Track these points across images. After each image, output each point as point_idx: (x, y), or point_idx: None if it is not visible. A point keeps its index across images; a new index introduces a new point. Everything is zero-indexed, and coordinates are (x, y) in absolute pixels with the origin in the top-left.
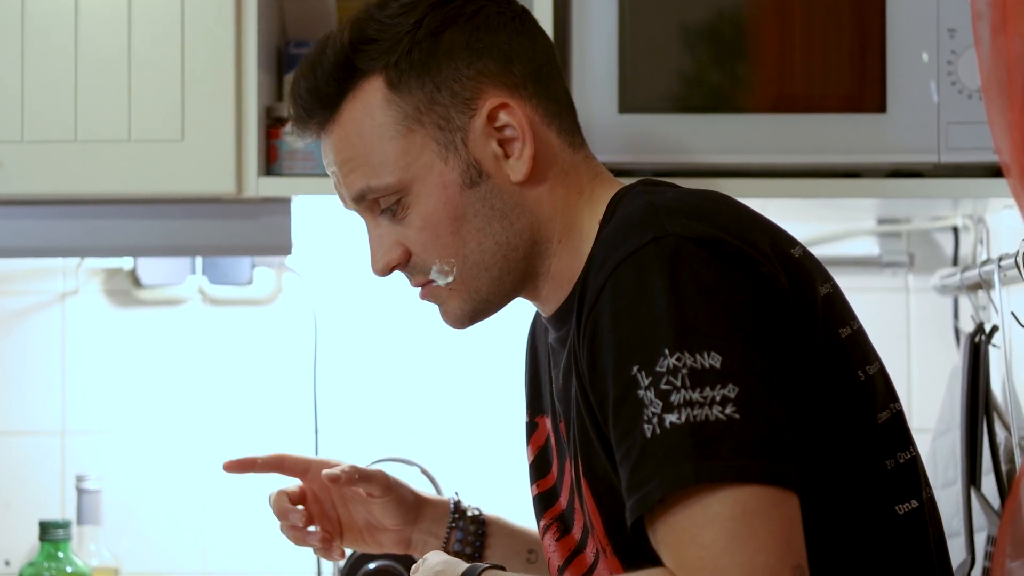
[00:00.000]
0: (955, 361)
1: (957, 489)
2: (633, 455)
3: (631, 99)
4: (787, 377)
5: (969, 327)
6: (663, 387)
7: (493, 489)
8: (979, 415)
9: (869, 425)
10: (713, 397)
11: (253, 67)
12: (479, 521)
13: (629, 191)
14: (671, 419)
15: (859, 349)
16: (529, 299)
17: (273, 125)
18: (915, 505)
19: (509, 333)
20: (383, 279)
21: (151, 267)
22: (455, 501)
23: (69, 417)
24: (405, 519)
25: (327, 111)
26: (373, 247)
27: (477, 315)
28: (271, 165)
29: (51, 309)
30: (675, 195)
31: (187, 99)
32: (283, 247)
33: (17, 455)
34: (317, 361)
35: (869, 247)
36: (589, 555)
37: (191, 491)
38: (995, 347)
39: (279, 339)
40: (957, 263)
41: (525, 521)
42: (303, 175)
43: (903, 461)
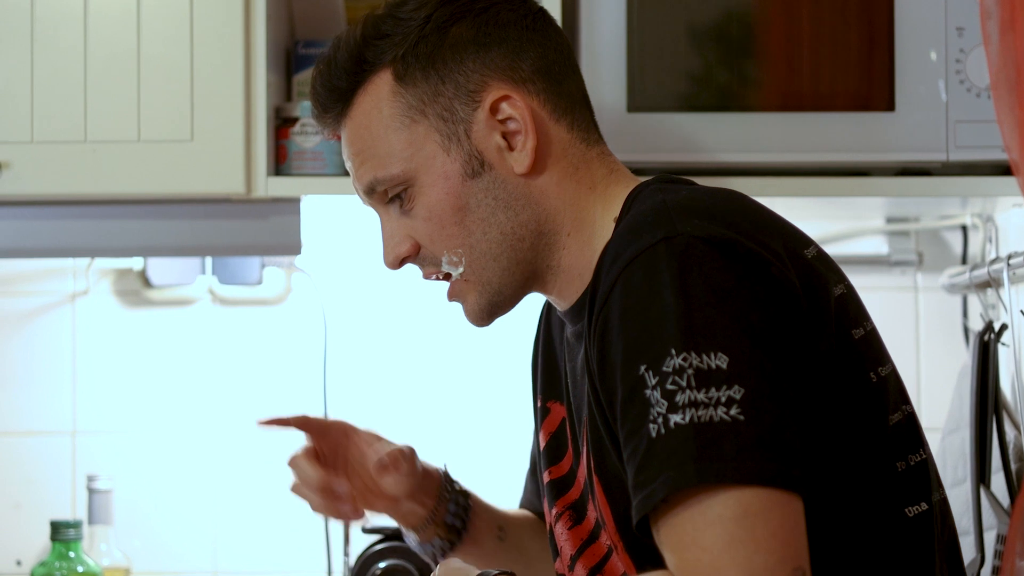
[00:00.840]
0: (964, 360)
1: (966, 488)
2: (639, 455)
3: (640, 98)
4: (797, 379)
5: (978, 326)
6: (669, 387)
7: (504, 485)
8: (988, 413)
9: (880, 427)
10: (718, 398)
11: (262, 67)
12: (465, 494)
13: (645, 188)
14: (676, 419)
15: (872, 351)
16: (544, 293)
17: (282, 125)
18: (924, 508)
19: (519, 332)
20: (392, 277)
21: (161, 267)
22: (445, 473)
23: (80, 417)
24: (410, 490)
25: (340, 105)
26: (384, 240)
27: (494, 309)
28: (280, 165)
29: (61, 309)
30: (689, 194)
31: (196, 99)
32: (293, 247)
33: (28, 455)
34: (327, 361)
35: (878, 246)
36: (604, 544)
37: (202, 491)
38: (1004, 345)
39: (289, 339)
40: (966, 261)
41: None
42: (312, 175)
43: (914, 463)
